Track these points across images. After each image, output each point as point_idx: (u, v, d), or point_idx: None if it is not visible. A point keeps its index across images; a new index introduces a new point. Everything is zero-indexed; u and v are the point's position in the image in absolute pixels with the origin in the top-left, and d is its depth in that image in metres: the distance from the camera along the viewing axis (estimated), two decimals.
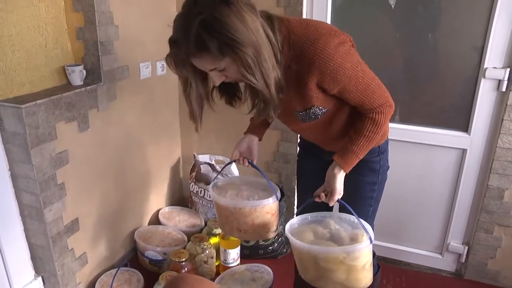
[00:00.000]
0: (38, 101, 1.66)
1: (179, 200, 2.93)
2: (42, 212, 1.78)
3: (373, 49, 2.20)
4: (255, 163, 1.58)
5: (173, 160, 2.79)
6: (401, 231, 2.46)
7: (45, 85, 1.84)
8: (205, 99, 1.30)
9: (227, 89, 1.34)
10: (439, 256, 2.42)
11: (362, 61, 1.27)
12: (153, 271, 2.29)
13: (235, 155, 1.57)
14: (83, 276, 2.09)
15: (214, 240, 2.30)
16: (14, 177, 1.75)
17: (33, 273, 1.94)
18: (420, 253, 2.45)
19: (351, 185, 1.49)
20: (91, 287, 2.13)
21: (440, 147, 2.21)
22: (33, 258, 1.92)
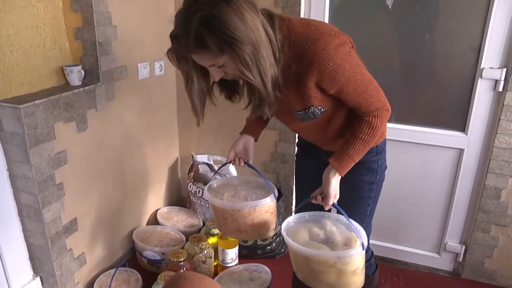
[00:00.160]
0: (36, 101, 1.66)
1: (177, 200, 2.93)
2: (40, 212, 1.78)
3: (371, 49, 2.21)
4: (251, 163, 1.58)
5: (171, 160, 2.80)
6: (399, 231, 2.47)
7: (44, 85, 1.84)
8: (207, 94, 1.30)
9: (227, 84, 1.34)
10: (437, 255, 2.43)
11: (361, 63, 1.28)
12: (151, 271, 2.29)
13: (231, 156, 1.58)
14: (82, 276, 2.09)
15: (212, 240, 2.30)
16: (12, 177, 1.75)
17: (31, 273, 1.94)
18: (417, 252, 2.46)
19: (349, 184, 1.50)
20: (89, 287, 2.14)
21: (437, 147, 2.22)
22: (32, 258, 1.92)
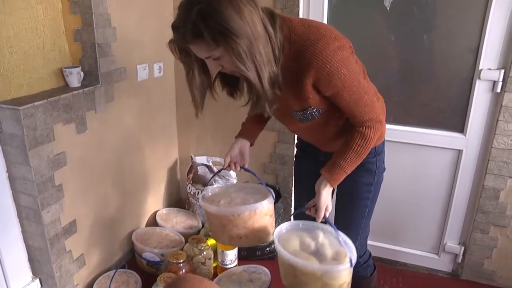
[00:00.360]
0: (36, 103, 1.66)
1: (176, 201, 2.93)
2: (39, 213, 1.77)
3: (369, 51, 2.21)
4: (247, 167, 1.59)
5: (170, 161, 2.80)
6: (397, 232, 2.47)
7: (43, 87, 1.84)
8: (207, 88, 1.31)
9: (229, 81, 1.34)
10: (436, 256, 2.43)
11: (359, 71, 1.28)
12: (150, 272, 2.29)
13: (227, 161, 1.58)
14: (81, 278, 2.09)
15: (211, 241, 2.30)
16: (11, 179, 1.75)
17: (30, 275, 1.94)
18: (416, 253, 2.46)
19: (347, 185, 1.50)
20: None
21: (436, 148, 2.23)
22: (31, 260, 1.92)
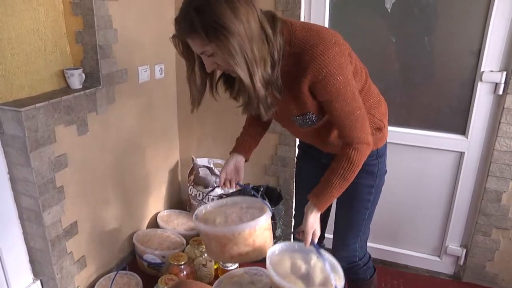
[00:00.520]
0: (37, 105, 1.66)
1: (178, 203, 2.93)
2: (41, 215, 1.77)
3: (371, 52, 2.21)
4: (242, 183, 1.60)
5: (171, 163, 2.80)
6: (399, 234, 2.46)
7: (44, 88, 1.85)
8: (207, 86, 1.31)
9: (232, 82, 1.34)
10: (437, 258, 2.43)
11: (355, 85, 1.27)
12: (151, 274, 2.29)
13: (222, 179, 1.58)
14: (82, 279, 2.09)
15: None
16: (13, 180, 1.75)
17: (31, 276, 1.94)
18: (418, 255, 2.46)
19: (348, 187, 1.50)
20: None
21: (437, 150, 2.22)
22: (32, 261, 1.92)
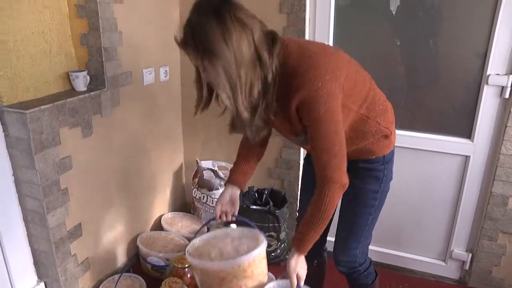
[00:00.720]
0: (42, 107, 1.66)
1: (182, 206, 2.93)
2: (45, 217, 1.78)
3: (375, 55, 2.21)
4: (237, 214, 1.61)
5: (175, 165, 2.80)
6: (404, 238, 2.45)
7: (49, 90, 1.85)
8: (215, 95, 1.31)
9: None
10: (443, 263, 2.41)
11: (341, 121, 1.25)
12: (155, 277, 2.29)
13: (218, 212, 1.59)
14: (86, 281, 2.09)
15: None
16: (17, 182, 1.76)
17: (35, 278, 1.94)
18: (423, 260, 2.44)
19: (353, 191, 1.49)
20: None
21: (442, 154, 2.21)
22: (36, 263, 1.92)
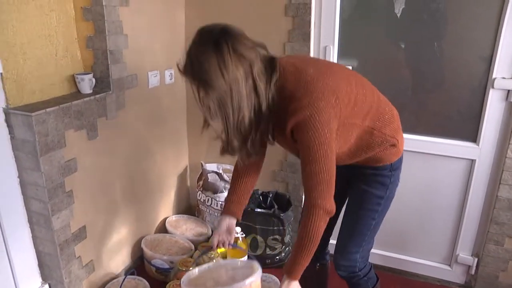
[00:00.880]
0: (48, 109, 1.67)
1: (186, 208, 2.93)
2: (50, 219, 1.78)
3: (380, 58, 2.20)
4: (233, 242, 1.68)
5: (180, 168, 2.80)
6: (409, 242, 2.44)
7: (55, 93, 1.86)
8: None
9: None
10: (448, 267, 2.39)
11: (334, 149, 1.26)
12: (159, 279, 2.29)
13: (215, 242, 1.65)
14: (90, 283, 2.09)
15: (221, 249, 2.29)
16: (23, 184, 1.76)
17: (40, 280, 1.95)
18: (428, 264, 2.43)
19: (357, 194, 1.49)
20: None
21: (448, 157, 2.20)
22: (41, 265, 1.93)
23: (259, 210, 2.38)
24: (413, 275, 2.45)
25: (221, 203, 2.57)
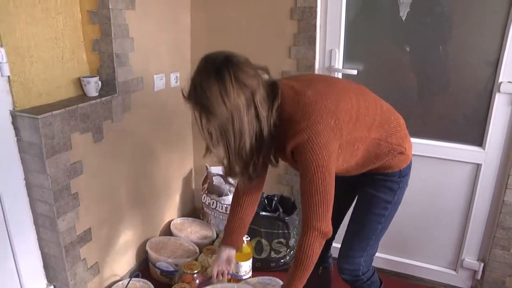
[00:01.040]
0: (54, 112, 1.68)
1: (191, 211, 2.93)
2: (55, 221, 1.79)
3: (385, 61, 2.20)
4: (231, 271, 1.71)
5: (185, 171, 2.80)
6: (414, 246, 2.42)
7: (61, 96, 1.87)
8: None
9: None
10: (453, 272, 2.38)
11: (332, 170, 1.27)
12: (164, 282, 2.29)
13: (215, 273, 1.65)
14: (95, 286, 2.10)
15: None
16: (29, 187, 1.77)
17: (45, 282, 1.95)
18: (433, 268, 2.41)
19: (365, 198, 1.48)
20: None
21: (453, 162, 2.19)
22: (46, 267, 1.93)
23: (264, 213, 2.38)
24: (418, 280, 2.44)
25: (226, 206, 2.57)
